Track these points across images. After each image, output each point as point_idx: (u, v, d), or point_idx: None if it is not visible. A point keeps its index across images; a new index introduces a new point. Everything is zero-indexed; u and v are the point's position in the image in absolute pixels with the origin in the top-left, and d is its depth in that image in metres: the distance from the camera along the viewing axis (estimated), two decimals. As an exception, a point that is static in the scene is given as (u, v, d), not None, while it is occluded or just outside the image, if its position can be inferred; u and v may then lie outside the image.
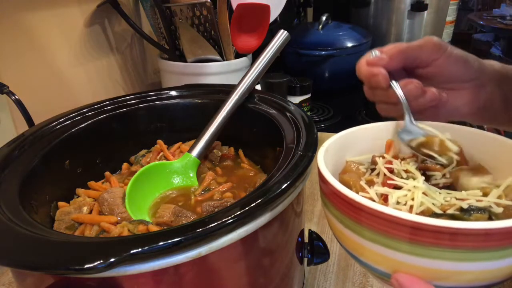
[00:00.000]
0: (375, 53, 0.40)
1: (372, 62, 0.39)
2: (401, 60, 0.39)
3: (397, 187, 0.34)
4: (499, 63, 0.43)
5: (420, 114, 0.40)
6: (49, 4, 0.75)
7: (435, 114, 0.41)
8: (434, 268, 0.26)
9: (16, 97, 0.58)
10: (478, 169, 0.35)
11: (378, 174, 0.36)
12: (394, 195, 0.32)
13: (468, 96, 0.42)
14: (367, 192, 0.33)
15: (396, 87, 0.39)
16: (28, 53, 0.72)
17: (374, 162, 0.38)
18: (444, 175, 0.36)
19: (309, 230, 0.47)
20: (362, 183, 0.35)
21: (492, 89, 0.42)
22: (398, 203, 0.32)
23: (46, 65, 0.76)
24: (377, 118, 0.42)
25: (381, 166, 0.36)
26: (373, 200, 0.33)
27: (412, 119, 0.39)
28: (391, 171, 0.35)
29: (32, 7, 0.71)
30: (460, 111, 0.42)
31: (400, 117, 0.40)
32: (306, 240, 0.46)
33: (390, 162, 0.37)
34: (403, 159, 0.38)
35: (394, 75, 0.39)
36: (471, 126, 0.41)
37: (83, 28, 0.84)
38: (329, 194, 0.31)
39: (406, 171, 0.35)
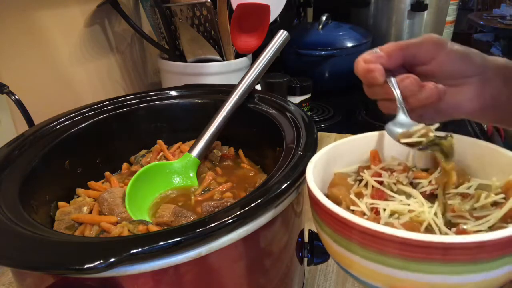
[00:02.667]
0: (373, 51, 0.39)
1: (369, 60, 0.38)
2: (399, 57, 0.39)
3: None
4: (504, 59, 0.42)
5: (422, 112, 0.39)
6: (49, 4, 0.75)
7: (437, 111, 0.40)
8: (430, 282, 0.26)
9: (16, 97, 0.58)
10: (460, 174, 0.36)
11: (366, 185, 0.36)
12: (387, 208, 0.32)
13: (472, 92, 0.40)
14: (358, 206, 0.33)
15: (392, 82, 0.38)
16: (28, 53, 0.72)
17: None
18: (430, 182, 0.36)
19: (309, 230, 0.47)
20: (352, 196, 0.35)
21: (498, 84, 0.41)
22: (390, 215, 0.32)
23: (46, 65, 0.76)
24: (377, 118, 0.42)
25: (368, 178, 0.36)
26: (364, 214, 0.33)
27: (406, 113, 0.37)
28: (380, 183, 0.36)
29: (32, 7, 0.71)
30: (464, 108, 0.41)
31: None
32: (306, 240, 0.46)
33: (379, 174, 0.37)
34: (392, 171, 0.38)
35: (393, 73, 0.38)
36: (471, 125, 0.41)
37: (83, 28, 0.84)
38: (320, 213, 0.31)
39: (396, 184, 0.35)
